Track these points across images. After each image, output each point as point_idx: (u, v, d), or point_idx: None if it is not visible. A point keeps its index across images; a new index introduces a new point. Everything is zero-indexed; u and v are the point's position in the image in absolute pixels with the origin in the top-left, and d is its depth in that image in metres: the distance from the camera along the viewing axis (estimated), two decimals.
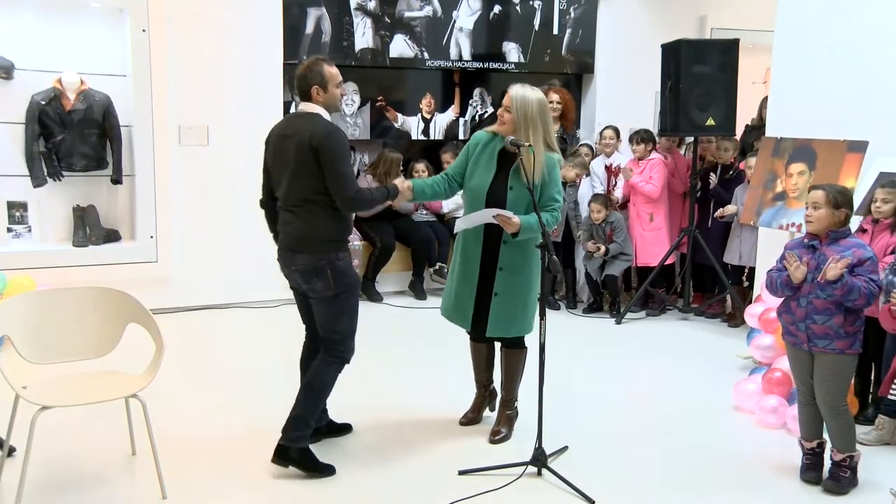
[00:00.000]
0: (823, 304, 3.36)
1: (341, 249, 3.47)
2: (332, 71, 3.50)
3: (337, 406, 4.02)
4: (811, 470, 3.56)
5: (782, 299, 3.56)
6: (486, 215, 3.58)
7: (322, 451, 3.74)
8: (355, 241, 6.68)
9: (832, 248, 3.39)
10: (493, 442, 3.88)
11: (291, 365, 3.85)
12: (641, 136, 6.47)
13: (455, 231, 3.80)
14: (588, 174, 6.73)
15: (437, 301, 4.26)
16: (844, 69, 5.06)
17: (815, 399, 3.49)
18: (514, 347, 3.91)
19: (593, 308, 6.56)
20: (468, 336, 4.02)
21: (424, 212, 7.06)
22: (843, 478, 3.47)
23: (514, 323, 3.79)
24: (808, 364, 3.48)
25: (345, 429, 3.94)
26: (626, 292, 6.81)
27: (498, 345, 4.00)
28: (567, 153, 6.83)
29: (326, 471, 3.51)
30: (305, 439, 3.50)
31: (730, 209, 6.07)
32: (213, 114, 6.24)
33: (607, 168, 6.71)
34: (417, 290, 6.88)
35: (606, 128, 6.84)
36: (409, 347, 5.53)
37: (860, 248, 3.37)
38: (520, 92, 3.64)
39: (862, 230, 4.15)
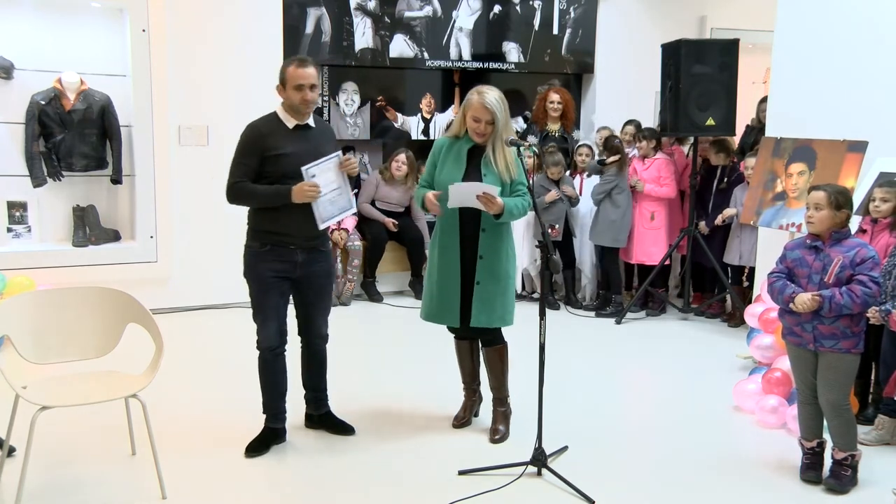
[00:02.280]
0: None
1: (252, 238, 3.66)
2: (293, 72, 3.51)
3: (337, 405, 4.03)
4: (811, 469, 3.56)
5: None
6: (475, 189, 3.59)
7: (322, 449, 3.75)
8: (356, 241, 6.68)
9: (835, 248, 3.40)
10: (494, 441, 3.88)
11: (291, 365, 3.85)
12: (644, 134, 6.48)
13: (449, 206, 3.72)
14: (568, 172, 6.74)
15: None
16: (844, 69, 5.06)
17: (815, 399, 3.50)
18: (493, 344, 3.92)
19: (597, 306, 6.58)
20: (453, 336, 4.02)
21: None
22: (845, 476, 3.47)
23: (495, 310, 3.80)
24: (811, 364, 3.48)
25: (344, 428, 3.94)
26: (626, 291, 6.82)
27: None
28: (568, 154, 6.86)
29: (255, 451, 3.68)
30: (267, 420, 3.78)
31: (729, 212, 6.08)
32: (212, 114, 6.24)
33: None
34: (417, 289, 6.88)
35: (628, 123, 6.89)
36: (409, 347, 5.53)
37: (863, 248, 3.38)
38: (491, 99, 3.66)
39: (861, 230, 4.16)
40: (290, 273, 3.64)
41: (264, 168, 3.55)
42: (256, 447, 3.68)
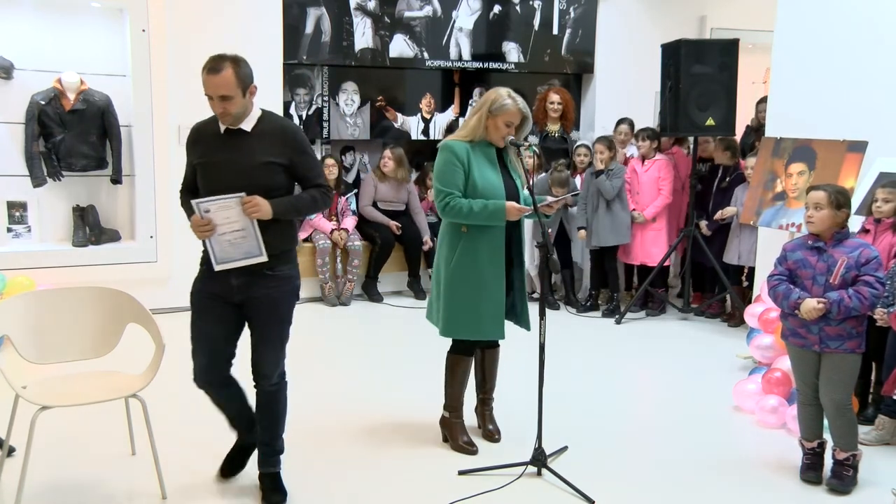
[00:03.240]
0: None
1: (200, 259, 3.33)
2: (202, 79, 3.27)
3: (337, 405, 4.02)
4: (811, 470, 3.56)
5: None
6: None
7: (322, 450, 3.74)
8: (356, 241, 6.68)
9: (838, 249, 3.39)
10: (496, 441, 3.89)
11: (290, 365, 3.84)
12: (647, 134, 6.48)
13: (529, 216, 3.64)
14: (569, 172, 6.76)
15: None
16: (844, 69, 5.07)
17: (817, 399, 3.49)
18: (497, 346, 3.94)
19: (588, 307, 6.57)
20: (457, 352, 3.86)
21: (429, 211, 7.06)
22: (847, 476, 3.47)
23: (526, 311, 3.89)
24: (814, 365, 3.48)
25: (271, 499, 3.33)
26: (626, 291, 6.81)
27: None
28: (567, 154, 6.86)
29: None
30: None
31: (729, 211, 6.08)
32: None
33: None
34: (416, 289, 6.88)
35: (621, 122, 6.89)
36: (409, 347, 5.53)
37: (866, 248, 3.39)
38: (522, 102, 3.68)
39: (864, 230, 4.16)
40: (230, 296, 3.20)
41: (198, 177, 3.25)
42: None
